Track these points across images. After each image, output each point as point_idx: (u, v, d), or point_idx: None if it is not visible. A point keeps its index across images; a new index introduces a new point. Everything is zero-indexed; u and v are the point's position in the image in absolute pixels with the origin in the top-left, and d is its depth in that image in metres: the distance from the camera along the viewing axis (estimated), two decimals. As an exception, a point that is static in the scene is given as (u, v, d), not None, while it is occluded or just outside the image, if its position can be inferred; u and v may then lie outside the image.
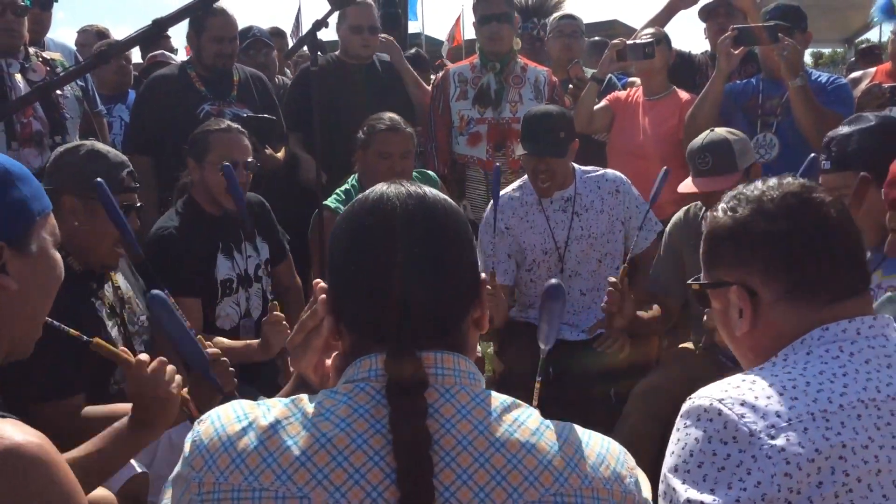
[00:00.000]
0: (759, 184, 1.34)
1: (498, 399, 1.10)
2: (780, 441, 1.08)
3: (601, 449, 1.10)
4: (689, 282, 1.43)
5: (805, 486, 1.06)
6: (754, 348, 1.30)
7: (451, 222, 1.15)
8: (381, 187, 1.17)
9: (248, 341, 2.89)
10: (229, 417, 1.09)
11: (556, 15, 5.08)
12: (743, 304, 1.28)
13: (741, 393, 1.15)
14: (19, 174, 1.25)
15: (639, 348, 3.37)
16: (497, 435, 1.05)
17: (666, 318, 3.27)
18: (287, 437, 1.04)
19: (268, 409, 1.08)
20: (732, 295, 1.30)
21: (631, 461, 1.13)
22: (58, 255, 1.32)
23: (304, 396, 1.10)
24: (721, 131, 3.04)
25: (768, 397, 1.13)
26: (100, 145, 2.50)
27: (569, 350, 3.35)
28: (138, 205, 2.52)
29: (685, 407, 1.20)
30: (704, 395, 1.18)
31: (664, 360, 3.36)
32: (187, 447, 1.09)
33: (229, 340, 2.92)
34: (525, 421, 1.08)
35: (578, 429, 1.13)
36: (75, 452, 1.71)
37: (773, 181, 1.33)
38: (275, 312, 2.76)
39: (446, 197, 1.19)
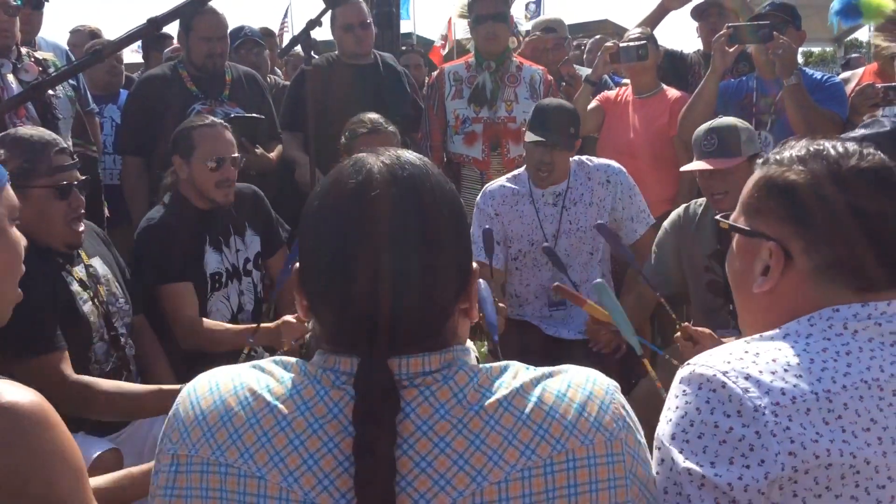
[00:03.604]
0: (837, 144, 1.22)
1: (469, 374, 1.03)
2: (784, 420, 1.05)
3: (581, 396, 1.03)
4: (718, 217, 1.34)
5: (812, 467, 1.04)
6: (766, 308, 1.24)
7: (441, 207, 1.06)
8: (364, 165, 1.06)
9: (264, 326, 2.84)
10: (203, 389, 1.09)
11: (536, 25, 5.11)
12: (775, 263, 1.21)
13: (745, 366, 1.10)
14: None
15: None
16: (460, 416, 1.00)
17: (642, 306, 3.28)
18: (252, 415, 1.04)
19: (239, 381, 1.08)
20: (765, 250, 1.22)
21: (619, 400, 1.06)
22: (15, 233, 1.28)
23: (279, 366, 1.08)
24: (730, 118, 3.08)
25: (773, 372, 1.09)
26: (23, 130, 2.45)
27: (564, 349, 3.35)
28: (81, 179, 2.47)
29: (684, 372, 1.14)
30: (706, 364, 1.12)
31: (659, 359, 3.36)
32: (167, 422, 1.11)
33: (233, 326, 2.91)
34: (495, 392, 1.02)
35: (557, 379, 1.05)
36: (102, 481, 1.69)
37: (852, 146, 1.20)
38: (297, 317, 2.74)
39: (434, 170, 1.10)
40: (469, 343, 1.13)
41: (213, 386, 1.09)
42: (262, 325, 2.83)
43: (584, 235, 3.40)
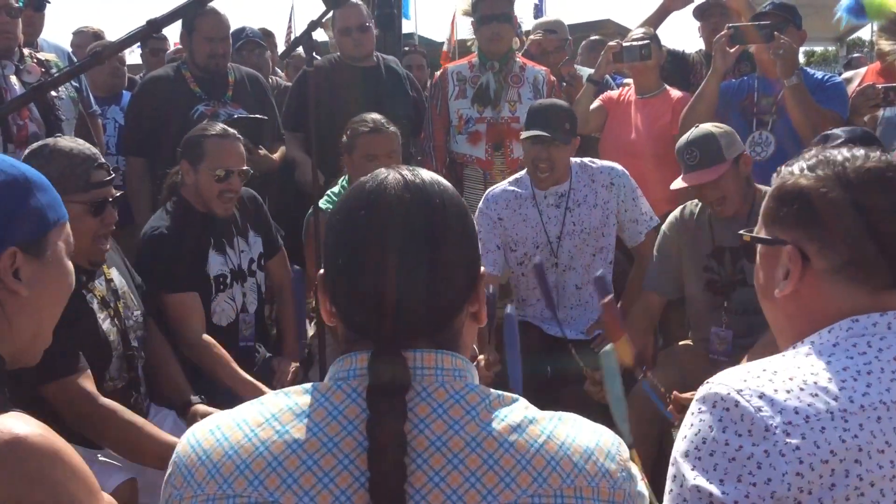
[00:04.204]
0: (844, 150, 1.27)
1: (480, 395, 1.06)
2: (795, 439, 1.06)
3: (590, 442, 1.06)
4: (742, 232, 1.38)
5: (817, 487, 1.05)
6: (791, 315, 1.27)
7: (448, 214, 1.11)
8: (380, 174, 1.13)
9: (256, 384, 2.83)
10: (204, 433, 1.09)
11: (538, 26, 5.12)
12: (793, 266, 1.23)
13: (761, 384, 1.12)
14: (38, 182, 1.29)
15: (635, 347, 3.37)
16: (473, 433, 1.02)
17: (649, 316, 3.30)
18: (259, 444, 1.03)
19: (241, 419, 1.08)
20: (784, 254, 1.25)
21: (625, 453, 1.09)
22: (70, 265, 1.34)
23: (281, 398, 1.09)
24: (705, 126, 3.06)
25: (788, 391, 1.10)
26: (63, 142, 2.42)
27: (566, 349, 3.35)
28: (115, 196, 2.46)
29: (702, 391, 1.16)
30: (723, 383, 1.14)
31: (661, 359, 3.37)
32: (168, 469, 1.10)
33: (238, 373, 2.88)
34: (506, 417, 1.05)
35: (569, 421, 1.09)
36: None
37: (859, 151, 1.26)
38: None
39: (446, 185, 1.15)
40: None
41: (214, 428, 1.09)
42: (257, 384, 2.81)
43: (587, 237, 3.40)
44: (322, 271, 1.15)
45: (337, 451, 1.01)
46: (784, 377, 1.13)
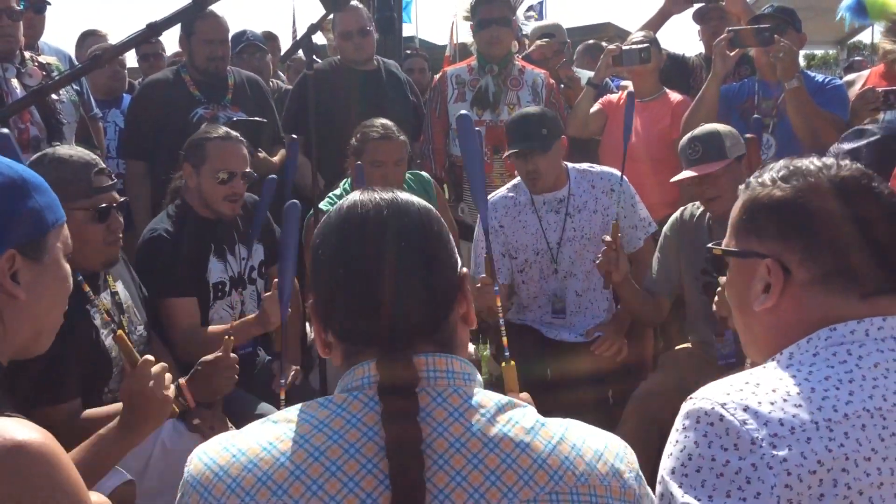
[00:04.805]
0: (814, 160, 1.25)
1: (492, 399, 1.10)
2: (782, 451, 1.05)
3: (599, 445, 1.10)
4: (711, 245, 1.36)
5: (805, 499, 1.04)
6: (770, 327, 1.25)
7: (423, 223, 1.15)
8: (352, 197, 1.18)
9: (245, 318, 2.84)
10: (216, 450, 1.09)
11: (535, 31, 5.12)
12: (774, 279, 1.21)
13: (744, 397, 1.11)
14: (35, 184, 1.27)
15: (635, 350, 3.38)
16: (491, 435, 1.05)
17: (657, 313, 3.31)
18: (280, 455, 1.04)
19: (256, 433, 1.08)
20: (762, 268, 1.22)
21: (632, 457, 1.13)
22: (68, 267, 1.33)
23: (295, 412, 1.10)
24: (711, 124, 3.11)
25: (772, 403, 1.09)
26: (62, 150, 2.40)
27: (566, 352, 3.35)
28: (120, 201, 2.44)
29: (686, 407, 1.16)
30: (706, 397, 1.13)
31: (661, 362, 3.37)
32: (180, 491, 1.09)
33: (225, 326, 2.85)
34: (520, 420, 1.08)
35: (577, 425, 1.13)
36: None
37: (829, 160, 1.24)
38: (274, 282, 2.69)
39: (418, 199, 1.19)
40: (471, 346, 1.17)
41: (227, 445, 1.09)
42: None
43: (587, 243, 3.39)
44: (311, 301, 1.16)
45: (359, 456, 1.03)
46: (767, 389, 1.12)
